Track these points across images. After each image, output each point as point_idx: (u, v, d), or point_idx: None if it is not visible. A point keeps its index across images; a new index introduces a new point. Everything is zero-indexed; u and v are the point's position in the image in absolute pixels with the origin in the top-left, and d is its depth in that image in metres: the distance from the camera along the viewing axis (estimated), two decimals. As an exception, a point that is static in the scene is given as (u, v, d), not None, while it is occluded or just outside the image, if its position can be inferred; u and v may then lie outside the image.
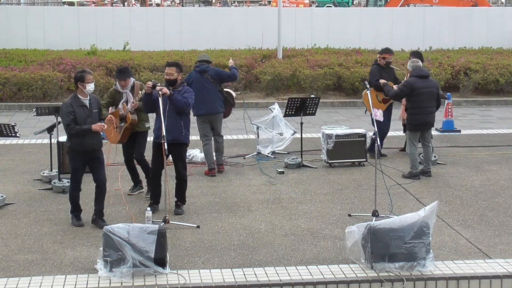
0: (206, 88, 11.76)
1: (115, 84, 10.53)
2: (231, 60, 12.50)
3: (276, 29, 22.54)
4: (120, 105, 10.30)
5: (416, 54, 13.04)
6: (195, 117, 11.95)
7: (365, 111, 13.56)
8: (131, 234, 7.65)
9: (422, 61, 12.39)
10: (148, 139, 10.47)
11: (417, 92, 11.52)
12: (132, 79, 10.45)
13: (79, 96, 9.11)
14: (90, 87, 9.07)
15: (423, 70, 11.85)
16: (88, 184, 10.08)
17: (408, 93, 11.61)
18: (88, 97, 9.14)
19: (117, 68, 13.91)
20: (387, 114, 12.67)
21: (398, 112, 13.69)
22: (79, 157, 9.22)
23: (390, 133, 15.16)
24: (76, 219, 9.40)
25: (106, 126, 9.26)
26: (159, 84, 9.63)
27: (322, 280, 7.70)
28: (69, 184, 10.74)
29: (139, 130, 10.46)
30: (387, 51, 13.17)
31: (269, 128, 13.33)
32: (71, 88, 19.53)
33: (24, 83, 19.00)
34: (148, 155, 10.25)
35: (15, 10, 27.99)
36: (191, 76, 11.91)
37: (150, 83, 9.53)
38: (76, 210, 9.45)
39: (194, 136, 14.97)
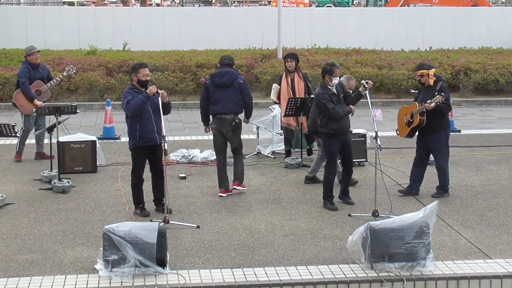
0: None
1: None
2: None
3: (276, 29, 22.51)
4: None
5: None
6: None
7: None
8: (131, 234, 7.66)
9: None
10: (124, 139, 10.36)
11: None
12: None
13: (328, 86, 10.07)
14: (335, 80, 10.08)
15: None
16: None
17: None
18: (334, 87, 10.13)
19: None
20: None
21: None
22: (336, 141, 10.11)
23: (389, 133, 15.17)
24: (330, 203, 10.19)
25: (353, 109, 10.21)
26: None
27: (322, 280, 7.70)
28: (69, 184, 10.80)
29: None
30: (417, 67, 10.72)
31: (269, 128, 13.34)
32: (71, 88, 19.56)
33: (24, 83, 18.95)
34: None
35: (15, 10, 28.00)
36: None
37: (155, 87, 9.58)
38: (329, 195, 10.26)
39: (194, 136, 15.02)
